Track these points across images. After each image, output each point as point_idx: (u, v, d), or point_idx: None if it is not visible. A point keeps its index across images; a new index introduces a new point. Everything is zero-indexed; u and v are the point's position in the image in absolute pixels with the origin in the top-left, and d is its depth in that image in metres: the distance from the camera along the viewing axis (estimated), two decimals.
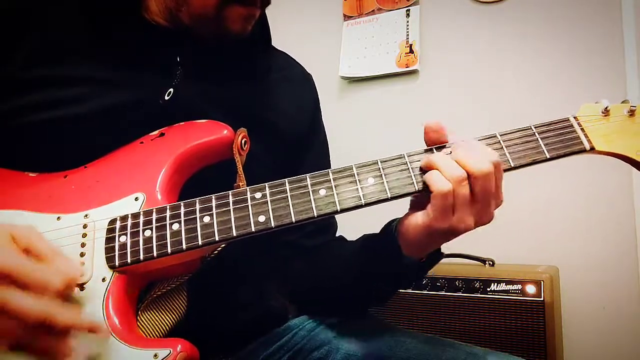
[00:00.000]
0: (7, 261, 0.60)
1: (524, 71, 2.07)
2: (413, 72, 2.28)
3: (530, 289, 1.63)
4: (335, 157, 1.09)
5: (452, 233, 0.73)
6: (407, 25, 2.31)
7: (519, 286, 1.64)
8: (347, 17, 2.46)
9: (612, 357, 1.85)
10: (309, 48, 2.46)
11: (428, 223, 0.73)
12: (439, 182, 0.70)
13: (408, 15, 2.32)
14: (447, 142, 0.75)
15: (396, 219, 0.81)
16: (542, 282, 1.62)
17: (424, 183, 0.73)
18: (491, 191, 0.71)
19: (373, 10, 2.40)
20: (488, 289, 1.68)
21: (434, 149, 0.75)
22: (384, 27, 2.36)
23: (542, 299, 1.61)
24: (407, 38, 2.29)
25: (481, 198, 0.71)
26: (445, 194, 0.70)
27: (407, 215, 0.77)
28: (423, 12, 2.30)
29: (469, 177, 0.70)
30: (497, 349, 0.99)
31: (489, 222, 0.74)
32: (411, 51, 2.27)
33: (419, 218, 0.74)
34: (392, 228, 0.81)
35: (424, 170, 0.74)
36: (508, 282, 1.66)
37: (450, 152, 0.73)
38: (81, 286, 0.69)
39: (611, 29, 1.93)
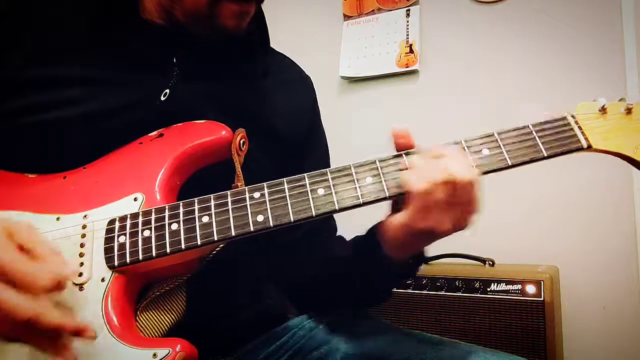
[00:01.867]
0: None
1: (524, 71, 2.07)
2: (413, 72, 2.28)
3: (530, 289, 1.63)
4: (335, 157, 1.09)
5: (431, 235, 0.73)
6: (407, 25, 2.31)
7: (519, 286, 1.64)
8: (347, 17, 2.46)
9: (612, 357, 1.85)
10: (309, 48, 2.46)
11: (406, 222, 0.73)
12: (417, 182, 0.71)
13: (408, 15, 2.32)
14: (414, 147, 0.77)
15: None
16: (542, 282, 1.62)
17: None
18: (472, 198, 0.71)
19: (373, 10, 2.40)
20: (488, 289, 1.68)
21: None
22: (384, 27, 2.36)
23: (542, 299, 1.61)
24: (407, 38, 2.29)
25: (461, 204, 0.71)
26: (422, 193, 0.70)
27: (387, 216, 0.78)
28: (423, 12, 2.29)
29: (452, 182, 0.70)
30: (497, 349, 0.98)
31: (466, 228, 0.74)
32: (411, 51, 2.27)
33: (398, 218, 0.74)
34: (375, 229, 0.81)
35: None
36: (508, 282, 1.66)
37: (434, 157, 0.74)
38: (80, 286, 0.69)
39: (611, 29, 1.93)
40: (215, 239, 0.71)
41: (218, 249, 0.75)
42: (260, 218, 0.71)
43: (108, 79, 0.84)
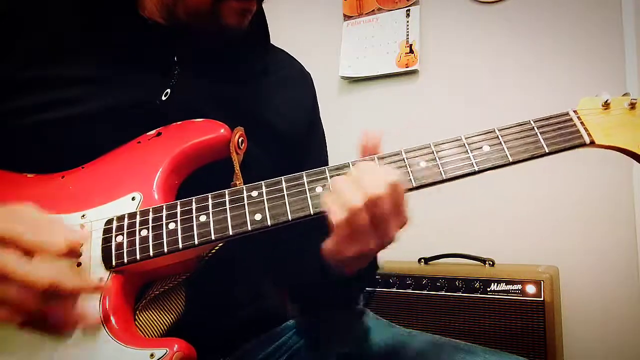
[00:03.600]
0: (9, 226, 0.61)
1: (524, 71, 2.07)
2: (413, 72, 2.28)
3: (530, 289, 1.63)
4: (335, 157, 1.08)
5: (362, 257, 0.71)
6: (407, 25, 2.31)
7: (519, 286, 1.65)
8: (347, 17, 2.45)
9: (612, 357, 1.85)
10: (309, 48, 2.46)
11: (335, 249, 0.71)
12: (336, 213, 0.68)
13: (408, 15, 2.31)
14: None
15: None
16: (542, 282, 1.63)
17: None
18: (386, 214, 0.68)
19: (373, 10, 2.40)
20: (488, 289, 1.68)
21: (433, 145, 0.74)
22: (384, 27, 2.36)
23: (542, 299, 1.62)
24: (407, 38, 2.29)
25: (378, 222, 0.68)
26: (342, 223, 0.67)
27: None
28: (423, 12, 2.30)
29: (367, 202, 0.67)
30: (497, 349, 0.96)
31: (391, 242, 0.71)
32: (411, 51, 2.27)
33: (328, 244, 0.72)
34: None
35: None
36: (508, 282, 1.66)
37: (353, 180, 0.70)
38: None
39: (611, 29, 1.93)
40: (213, 238, 0.70)
41: (217, 248, 0.75)
42: (258, 217, 0.71)
43: (108, 79, 0.84)
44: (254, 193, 0.72)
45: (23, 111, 0.80)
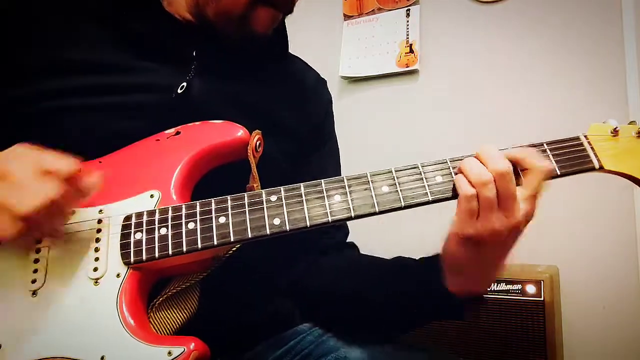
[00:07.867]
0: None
1: (524, 71, 2.07)
2: (413, 72, 2.28)
3: (530, 288, 1.64)
4: None
5: (480, 242, 0.72)
6: (407, 25, 2.31)
7: (519, 286, 1.65)
8: (347, 17, 2.46)
9: (612, 357, 1.86)
10: (309, 48, 2.45)
11: (455, 230, 0.73)
12: (463, 186, 0.72)
13: (408, 15, 2.32)
14: None
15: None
16: (542, 282, 1.63)
17: (440, 193, 0.75)
18: (512, 190, 0.71)
19: (373, 10, 2.40)
20: (488, 289, 1.69)
21: (448, 161, 0.76)
22: (384, 27, 2.36)
23: (542, 299, 1.62)
24: (407, 38, 2.30)
25: (505, 197, 0.71)
26: (469, 197, 0.71)
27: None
28: (423, 12, 2.30)
29: (496, 175, 0.70)
30: (497, 349, 0.96)
31: (516, 230, 0.74)
32: (411, 51, 2.28)
33: (449, 228, 0.75)
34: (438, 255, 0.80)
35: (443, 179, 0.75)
36: (508, 282, 1.66)
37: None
38: (95, 281, 0.70)
39: (611, 30, 1.94)
40: (232, 239, 0.71)
41: (233, 249, 0.75)
42: (276, 221, 0.72)
43: (125, 69, 0.84)
44: (273, 197, 0.74)
45: (39, 97, 0.80)
